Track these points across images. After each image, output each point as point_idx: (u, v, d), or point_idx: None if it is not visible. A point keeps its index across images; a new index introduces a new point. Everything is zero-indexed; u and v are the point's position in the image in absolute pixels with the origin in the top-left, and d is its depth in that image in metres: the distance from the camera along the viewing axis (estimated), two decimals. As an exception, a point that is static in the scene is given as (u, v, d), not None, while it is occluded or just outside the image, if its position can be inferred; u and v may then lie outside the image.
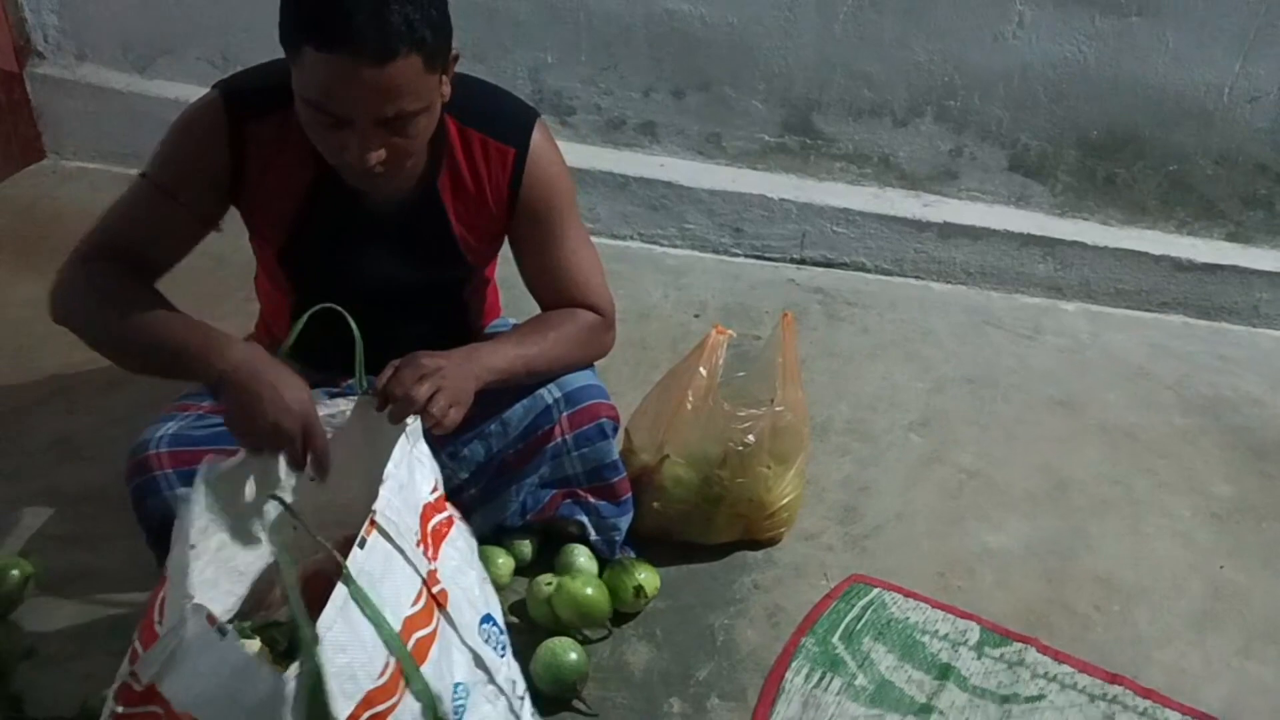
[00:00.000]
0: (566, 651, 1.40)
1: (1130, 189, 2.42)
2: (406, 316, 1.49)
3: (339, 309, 1.27)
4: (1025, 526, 1.76)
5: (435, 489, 1.24)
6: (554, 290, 1.51)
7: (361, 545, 1.07)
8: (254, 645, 1.19)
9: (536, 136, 1.43)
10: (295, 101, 1.25)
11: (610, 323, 1.54)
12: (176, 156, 1.37)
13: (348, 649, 1.01)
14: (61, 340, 2.05)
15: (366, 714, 1.02)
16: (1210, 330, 2.39)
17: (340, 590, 1.03)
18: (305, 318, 1.26)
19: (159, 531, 1.36)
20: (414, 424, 1.24)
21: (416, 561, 1.13)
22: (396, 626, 1.06)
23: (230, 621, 1.25)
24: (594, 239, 1.56)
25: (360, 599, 1.03)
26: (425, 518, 1.20)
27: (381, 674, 1.04)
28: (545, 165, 1.44)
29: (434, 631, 1.13)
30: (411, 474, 1.19)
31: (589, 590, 1.46)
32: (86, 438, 1.82)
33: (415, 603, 1.12)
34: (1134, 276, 2.42)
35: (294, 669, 0.98)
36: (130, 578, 1.51)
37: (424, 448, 1.26)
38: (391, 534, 1.11)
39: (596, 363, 1.57)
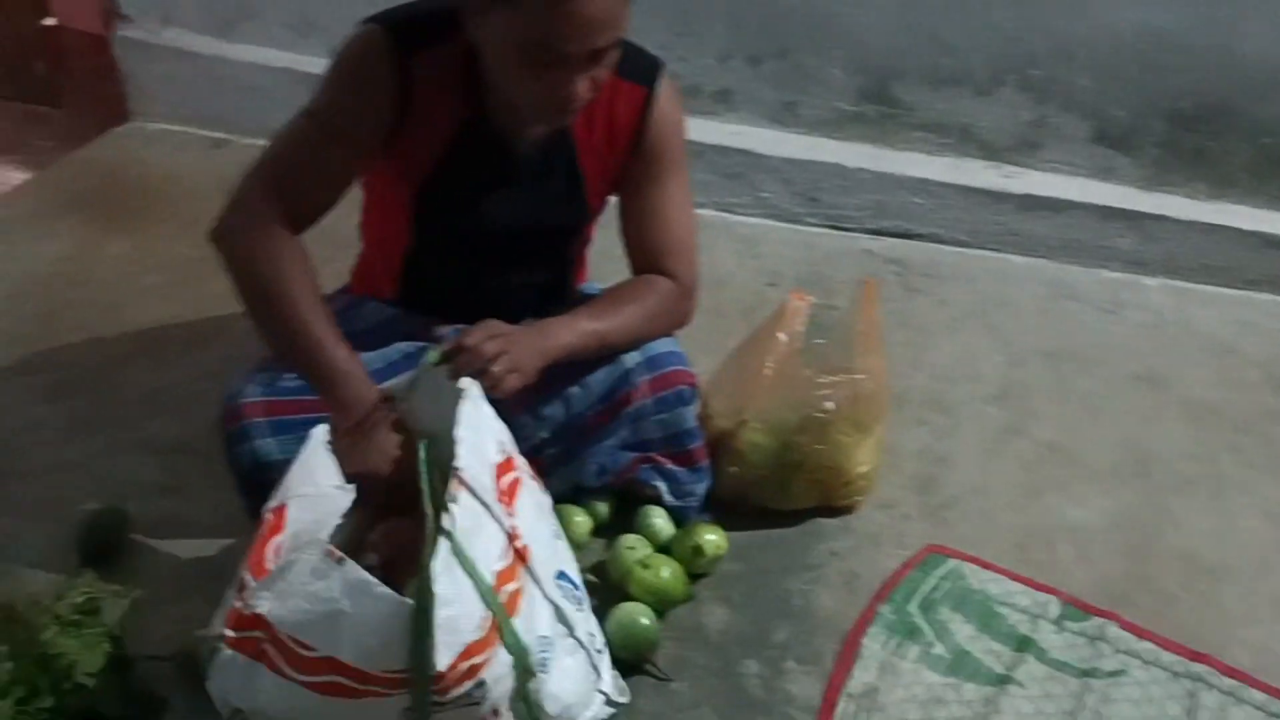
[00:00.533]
0: (639, 618, 1.41)
1: (1220, 162, 2.36)
2: (517, 265, 1.51)
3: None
4: (1107, 502, 1.74)
5: (501, 450, 1.26)
6: (646, 242, 1.53)
7: (454, 501, 1.10)
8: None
9: (664, 83, 1.47)
10: (494, 45, 1.26)
11: (689, 292, 1.56)
12: (340, 93, 1.37)
13: (451, 603, 1.04)
14: (151, 296, 2.13)
15: (465, 664, 1.05)
16: (1300, 308, 2.32)
17: (443, 545, 1.06)
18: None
19: (250, 480, 1.40)
20: (474, 387, 1.25)
21: (500, 517, 1.15)
22: (490, 581, 1.09)
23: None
24: (667, 205, 1.57)
25: (459, 553, 1.06)
26: (497, 476, 1.22)
27: (480, 625, 1.07)
28: (669, 110, 1.49)
29: (520, 586, 1.15)
30: (479, 435, 1.21)
31: (665, 574, 1.46)
32: (176, 392, 1.86)
33: (503, 557, 1.14)
34: (1221, 252, 2.35)
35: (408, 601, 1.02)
36: (220, 526, 1.55)
37: (487, 409, 1.27)
38: (478, 490, 1.13)
39: (673, 330, 1.58)
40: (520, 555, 1.19)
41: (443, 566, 1.05)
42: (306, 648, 1.04)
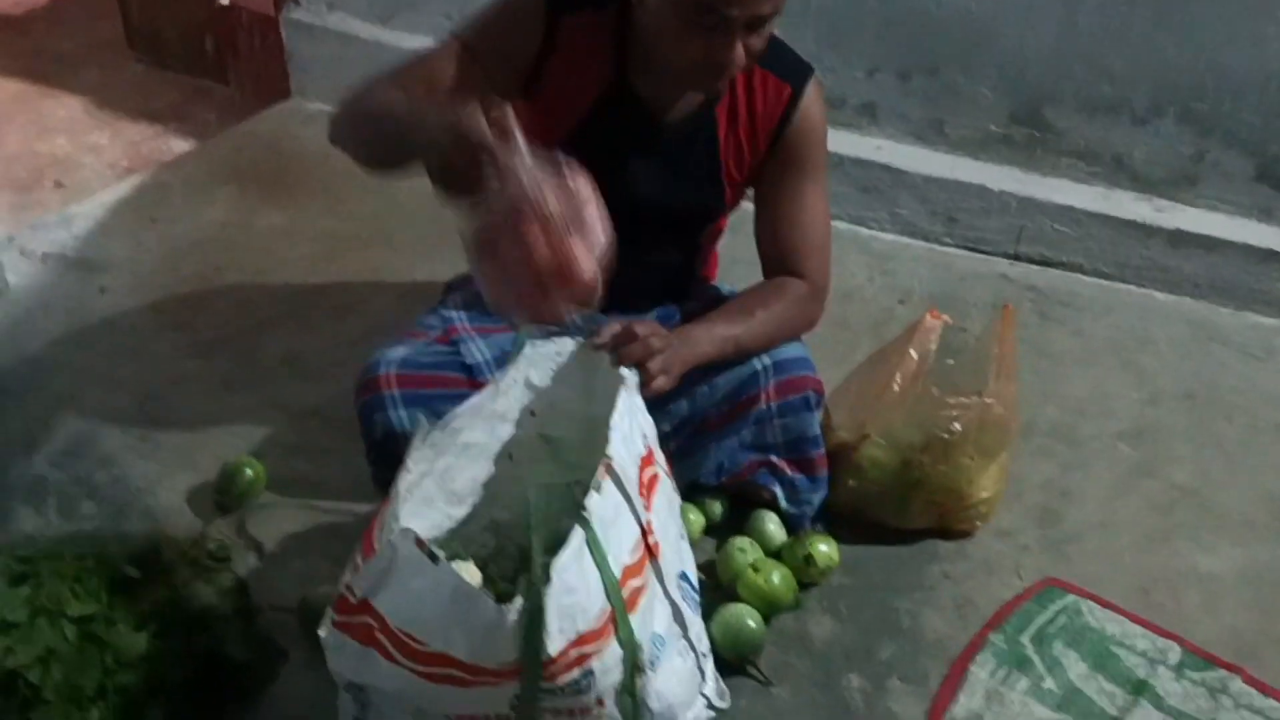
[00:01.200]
0: (746, 619, 1.41)
1: (1390, 211, 2.24)
2: (649, 242, 1.52)
3: None
4: (1240, 553, 1.67)
5: (646, 443, 1.27)
6: (778, 241, 1.55)
7: (598, 489, 1.11)
8: (468, 569, 1.25)
9: (812, 85, 1.51)
10: (658, 8, 1.30)
11: (820, 294, 1.58)
12: (491, 27, 1.43)
13: (575, 591, 1.05)
14: (298, 267, 2.22)
15: (575, 652, 1.06)
16: None
17: (578, 534, 1.07)
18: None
19: (381, 448, 1.45)
20: (632, 378, 1.27)
21: (639, 510, 1.16)
22: (617, 574, 1.10)
23: (444, 542, 1.33)
24: (802, 216, 1.57)
25: (593, 543, 1.07)
26: (641, 469, 1.23)
27: (597, 618, 1.08)
28: (814, 113, 1.51)
29: (644, 583, 1.16)
30: (631, 426, 1.23)
31: (774, 579, 1.46)
32: (316, 357, 1.94)
33: (633, 552, 1.15)
34: (1383, 305, 2.23)
35: (517, 602, 1.03)
36: (348, 490, 1.61)
37: (639, 401, 1.29)
38: (623, 480, 1.14)
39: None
40: (651, 551, 1.19)
41: (574, 555, 1.05)
42: (418, 641, 1.05)
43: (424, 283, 2.04)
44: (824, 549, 1.52)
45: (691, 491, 1.59)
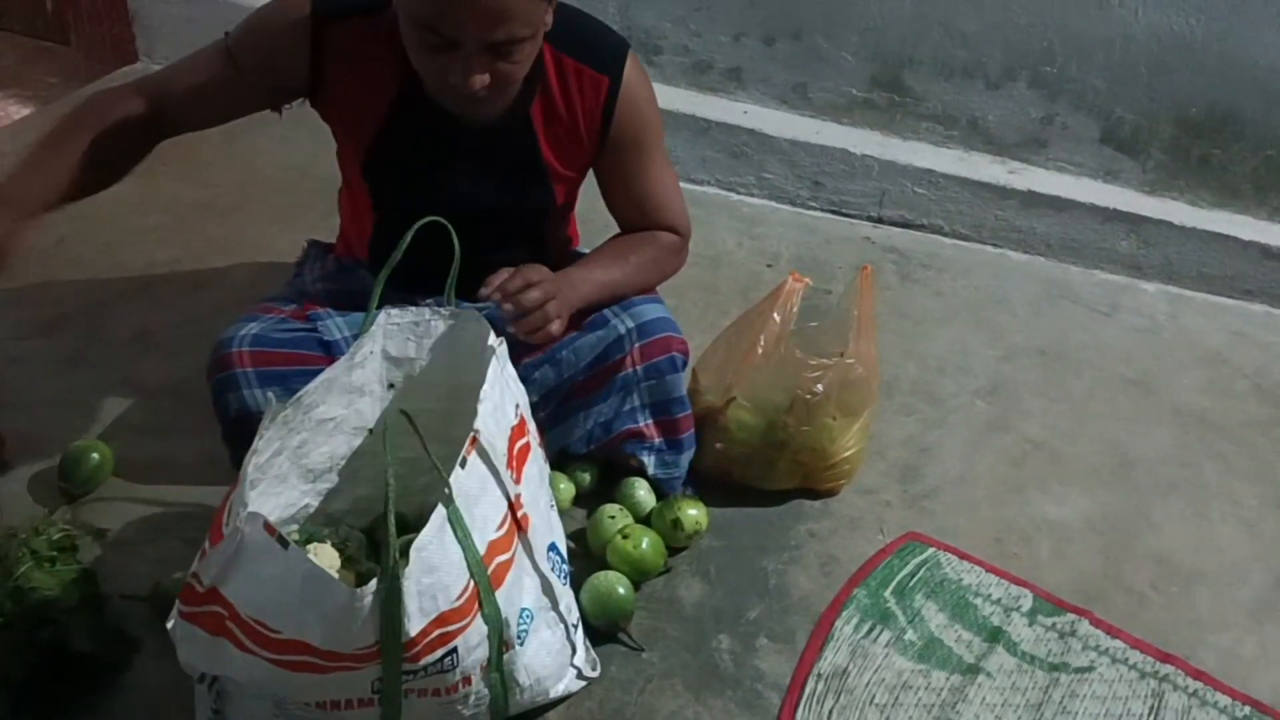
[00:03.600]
0: (616, 587, 1.41)
1: (1224, 171, 2.36)
2: (486, 242, 1.46)
3: (442, 221, 1.28)
4: (1087, 501, 1.75)
5: (519, 411, 1.26)
6: (636, 215, 1.57)
7: (463, 465, 1.09)
8: (326, 551, 1.21)
9: (629, 67, 1.45)
10: (400, 21, 1.25)
11: (687, 241, 1.62)
12: (252, 36, 1.40)
13: (436, 570, 1.03)
14: (149, 238, 2.13)
15: (437, 631, 1.04)
16: (1293, 322, 2.33)
17: (440, 512, 1.04)
18: (410, 235, 1.26)
19: (235, 427, 1.41)
20: (501, 346, 1.25)
21: (507, 484, 1.15)
22: (481, 550, 1.08)
23: (302, 524, 1.29)
24: (671, 182, 1.59)
25: (456, 520, 1.05)
26: (511, 441, 1.21)
27: (460, 596, 1.06)
28: (637, 97, 1.47)
29: (512, 557, 1.15)
30: (502, 396, 1.21)
31: (643, 545, 1.47)
32: (168, 333, 1.86)
33: (500, 527, 1.13)
34: (1219, 261, 2.36)
35: (372, 585, 1.00)
36: (204, 470, 1.55)
37: (511, 370, 1.27)
38: (490, 454, 1.12)
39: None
40: (519, 525, 1.18)
41: (435, 533, 1.03)
42: (270, 629, 1.02)
43: (280, 254, 1.97)
44: (692, 513, 1.53)
45: (561, 460, 1.59)
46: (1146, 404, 1.99)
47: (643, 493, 1.57)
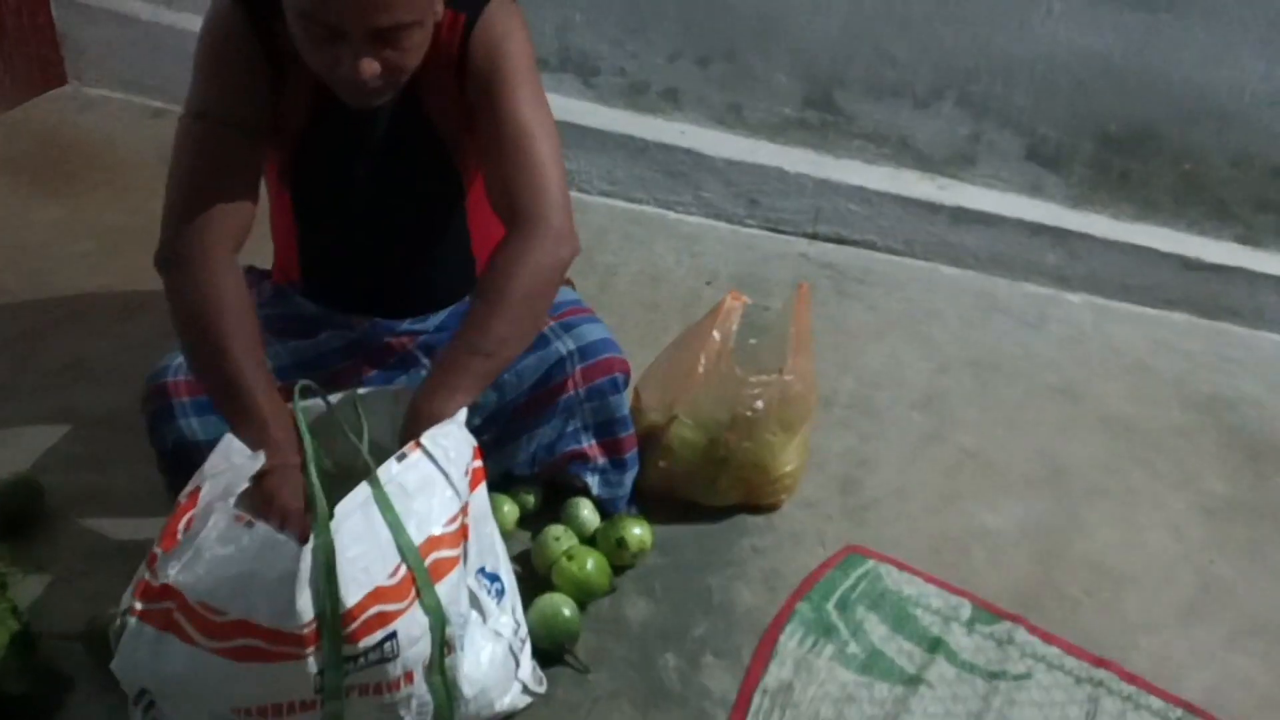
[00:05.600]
0: (561, 608, 1.42)
1: (1144, 185, 2.43)
2: (404, 242, 1.43)
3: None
4: (1020, 509, 1.79)
5: (474, 448, 1.27)
6: (500, 181, 1.35)
7: (400, 459, 1.14)
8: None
9: (494, 5, 1.36)
10: (287, 16, 1.22)
11: (561, 234, 1.32)
12: (219, 76, 1.31)
13: (362, 541, 1.08)
14: (80, 265, 2.09)
15: (375, 607, 1.08)
16: (1213, 330, 2.40)
17: (363, 489, 1.10)
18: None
19: (173, 459, 1.39)
20: (461, 413, 1.25)
21: (460, 488, 1.18)
22: (417, 539, 1.12)
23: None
24: (610, 202, 1.55)
25: (383, 504, 1.10)
26: (471, 461, 1.24)
27: (393, 575, 1.09)
28: (494, 25, 1.35)
29: (457, 556, 1.17)
30: (462, 429, 1.24)
31: (588, 565, 1.48)
32: (101, 362, 1.83)
33: (448, 524, 1.16)
34: (1141, 272, 2.43)
35: (310, 544, 1.05)
36: (138, 501, 1.53)
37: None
38: (438, 457, 1.16)
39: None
40: (464, 531, 1.20)
41: (356, 506, 1.09)
42: (217, 612, 1.04)
43: (218, 279, 1.95)
44: (637, 532, 1.55)
45: (505, 482, 1.60)
46: (1075, 412, 2.05)
47: (587, 513, 1.58)
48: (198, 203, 1.28)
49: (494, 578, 1.31)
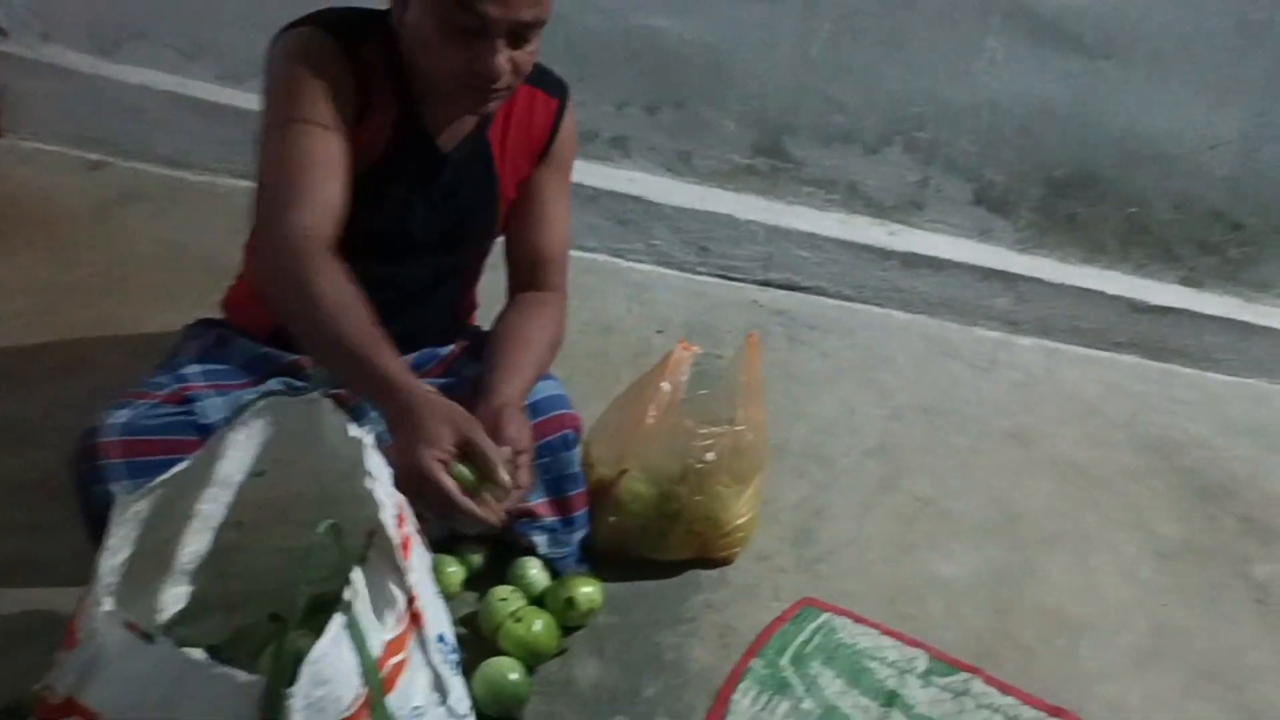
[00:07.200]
0: (507, 674, 1.38)
1: (1090, 228, 2.47)
2: (428, 284, 1.55)
3: None
4: (975, 557, 1.78)
5: (396, 504, 1.22)
6: (531, 246, 1.58)
7: (363, 562, 1.04)
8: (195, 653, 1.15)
9: (571, 100, 1.57)
10: (417, 12, 1.28)
11: (565, 304, 1.62)
12: (310, 85, 1.33)
13: (329, 683, 0.96)
14: (13, 322, 2.03)
15: None
16: (1162, 372, 2.43)
17: (339, 619, 0.98)
18: None
19: (100, 523, 1.33)
20: (369, 436, 1.21)
21: (405, 574, 1.09)
22: (376, 652, 1.02)
23: (169, 627, 1.23)
24: (559, 250, 1.61)
25: (353, 627, 0.99)
26: (398, 527, 1.17)
27: (350, 706, 0.99)
28: (573, 126, 1.59)
29: (406, 656, 1.09)
30: (386, 488, 1.17)
31: (536, 627, 1.44)
32: (34, 423, 1.77)
33: (397, 625, 1.08)
34: (1090, 315, 2.46)
35: (253, 678, 0.93)
36: (74, 570, 1.45)
37: (381, 460, 1.23)
38: (387, 546, 1.07)
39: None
40: (415, 619, 1.12)
41: (331, 644, 0.96)
42: None
43: (160, 335, 1.90)
44: (586, 591, 1.51)
45: (451, 541, 1.56)
46: (1027, 457, 2.05)
47: (535, 572, 1.55)
48: (302, 204, 1.30)
49: (448, 643, 1.26)
